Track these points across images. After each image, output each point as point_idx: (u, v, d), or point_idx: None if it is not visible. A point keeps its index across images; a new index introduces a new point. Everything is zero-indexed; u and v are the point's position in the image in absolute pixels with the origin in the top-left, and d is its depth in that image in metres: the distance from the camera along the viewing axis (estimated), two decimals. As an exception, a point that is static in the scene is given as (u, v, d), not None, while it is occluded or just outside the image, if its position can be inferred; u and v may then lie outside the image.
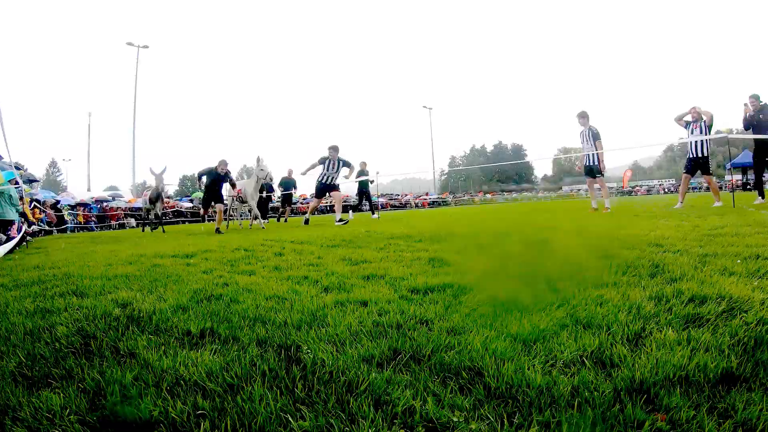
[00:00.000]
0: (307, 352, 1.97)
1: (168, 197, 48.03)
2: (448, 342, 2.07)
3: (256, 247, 6.48)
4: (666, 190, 61.52)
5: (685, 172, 12.63)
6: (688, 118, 12.53)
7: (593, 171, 13.45)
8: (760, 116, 13.09)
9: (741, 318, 2.24)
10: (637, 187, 65.35)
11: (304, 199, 41.80)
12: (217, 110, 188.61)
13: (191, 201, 45.81)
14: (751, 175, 15.03)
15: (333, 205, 28.19)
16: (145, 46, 57.28)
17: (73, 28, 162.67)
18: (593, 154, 13.28)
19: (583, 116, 13.68)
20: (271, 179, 18.88)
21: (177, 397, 1.65)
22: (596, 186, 13.83)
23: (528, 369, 1.75)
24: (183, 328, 2.41)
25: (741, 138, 13.71)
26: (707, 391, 1.60)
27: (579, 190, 68.09)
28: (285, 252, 5.76)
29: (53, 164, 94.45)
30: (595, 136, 13.38)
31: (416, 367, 1.83)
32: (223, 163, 12.70)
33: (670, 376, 1.69)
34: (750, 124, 12.99)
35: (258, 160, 14.09)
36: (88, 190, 53.00)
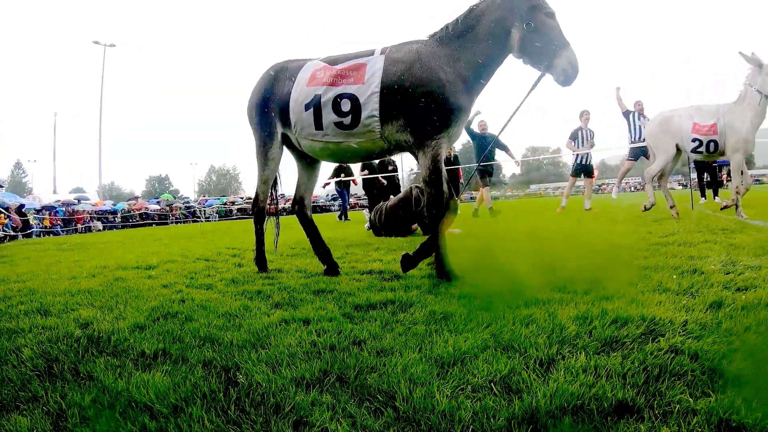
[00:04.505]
0: (245, 374, 2.12)
1: (135, 198, 47.53)
2: (374, 364, 2.18)
3: (218, 257, 6.65)
4: (632, 188, 62.31)
5: (632, 159, 13.33)
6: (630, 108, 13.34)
7: (589, 170, 13.97)
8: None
9: (655, 343, 2.34)
10: (604, 185, 66.09)
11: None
12: (187, 110, 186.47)
13: (158, 203, 45.37)
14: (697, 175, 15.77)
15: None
16: (112, 45, 56.78)
17: (38, 25, 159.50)
18: (588, 154, 13.78)
19: (587, 115, 14.18)
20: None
21: (128, 419, 1.78)
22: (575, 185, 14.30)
23: (437, 393, 1.86)
24: (138, 349, 2.55)
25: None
26: (596, 422, 1.67)
27: (547, 188, 68.88)
28: (245, 262, 5.92)
29: (18, 165, 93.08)
30: (593, 136, 13.90)
31: (340, 389, 1.95)
32: None
33: (565, 405, 1.76)
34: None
35: None
36: (54, 192, 52.39)
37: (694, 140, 8.73)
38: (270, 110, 4.84)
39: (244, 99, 5.20)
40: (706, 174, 16.44)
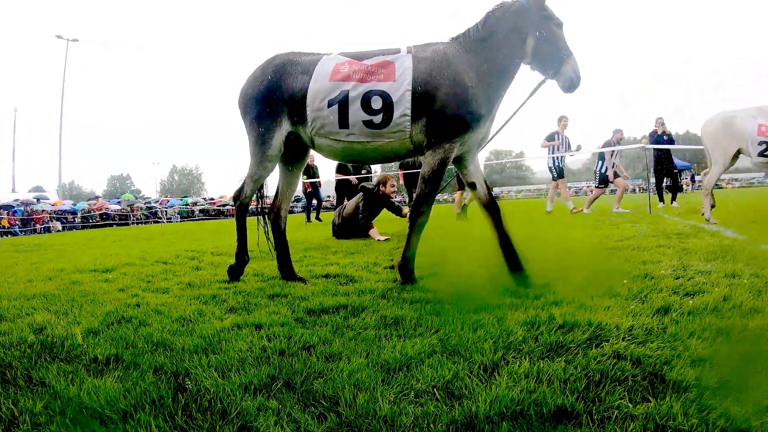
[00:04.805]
0: (194, 380, 2.14)
1: (96, 197, 46.72)
2: (321, 369, 2.23)
3: (176, 260, 6.63)
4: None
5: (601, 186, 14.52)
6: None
7: (563, 173, 14.44)
8: (664, 137, 14.91)
9: (599, 348, 2.38)
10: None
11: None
12: (150, 108, 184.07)
13: (119, 203, 44.72)
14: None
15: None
16: (75, 40, 55.83)
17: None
18: (563, 157, 14.35)
19: (565, 121, 14.59)
20: None
21: (78, 425, 1.81)
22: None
23: (380, 399, 1.89)
24: (91, 355, 2.56)
25: (654, 148, 15.07)
26: (535, 428, 1.71)
27: (510, 191, 69.62)
28: (203, 266, 5.93)
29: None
30: (568, 143, 14.59)
31: (287, 395, 1.99)
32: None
33: (504, 410, 1.80)
34: (658, 140, 14.62)
35: None
36: (13, 190, 51.26)
37: (761, 143, 8.21)
38: (275, 104, 4.45)
39: (210, 98, 5.11)
40: (667, 179, 16.83)
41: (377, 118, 4.21)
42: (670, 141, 16.12)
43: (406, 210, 9.33)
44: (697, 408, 1.78)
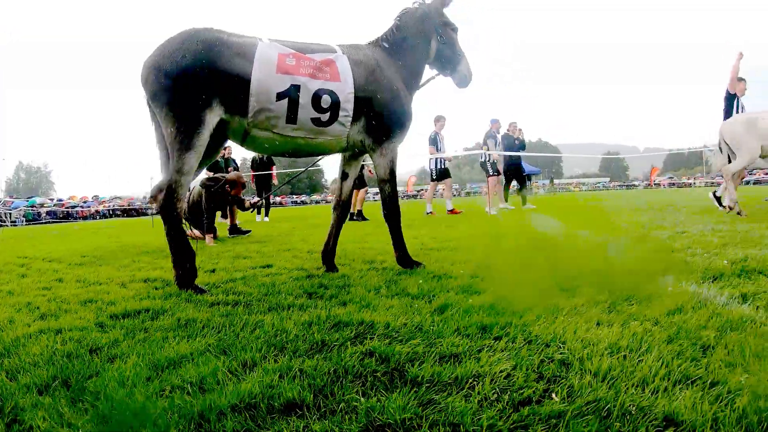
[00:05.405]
0: None
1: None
2: (99, 369, 2.39)
3: (4, 268, 6.51)
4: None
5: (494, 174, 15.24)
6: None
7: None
8: (516, 141, 16.02)
9: (358, 346, 2.56)
10: (422, 191, 68.32)
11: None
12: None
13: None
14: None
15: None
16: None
17: None
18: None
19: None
20: None
21: None
22: (440, 187, 15.71)
23: (138, 394, 2.06)
24: None
25: (505, 154, 16.01)
26: (260, 418, 1.86)
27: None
28: (29, 273, 5.86)
29: None
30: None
31: (62, 392, 2.13)
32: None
33: (239, 403, 1.95)
34: (509, 144, 15.66)
35: None
36: None
37: None
38: (205, 85, 4.02)
39: (60, 92, 4.42)
40: (514, 181, 17.92)
41: (324, 116, 4.36)
42: (522, 146, 17.25)
43: (248, 203, 9.59)
44: (418, 402, 1.93)
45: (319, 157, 4.99)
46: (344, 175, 5.01)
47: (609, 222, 9.26)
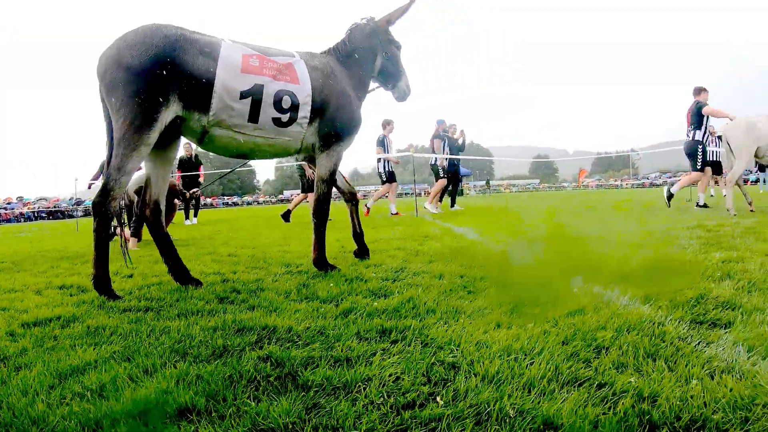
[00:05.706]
0: None
1: None
2: (6, 378, 2.40)
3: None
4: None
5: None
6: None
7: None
8: (456, 143, 16.46)
9: (257, 350, 2.60)
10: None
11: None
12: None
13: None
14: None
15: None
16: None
17: None
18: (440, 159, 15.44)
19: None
20: None
21: None
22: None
23: (39, 402, 2.08)
24: None
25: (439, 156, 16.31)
26: (151, 424, 1.87)
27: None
28: None
29: None
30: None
31: None
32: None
33: (132, 409, 1.98)
34: (450, 146, 15.99)
35: None
36: None
37: None
38: (165, 81, 3.95)
39: None
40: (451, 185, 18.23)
41: (285, 117, 4.49)
42: (461, 148, 17.53)
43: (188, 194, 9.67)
44: (304, 407, 1.98)
45: (247, 160, 5.12)
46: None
47: (527, 223, 9.51)
